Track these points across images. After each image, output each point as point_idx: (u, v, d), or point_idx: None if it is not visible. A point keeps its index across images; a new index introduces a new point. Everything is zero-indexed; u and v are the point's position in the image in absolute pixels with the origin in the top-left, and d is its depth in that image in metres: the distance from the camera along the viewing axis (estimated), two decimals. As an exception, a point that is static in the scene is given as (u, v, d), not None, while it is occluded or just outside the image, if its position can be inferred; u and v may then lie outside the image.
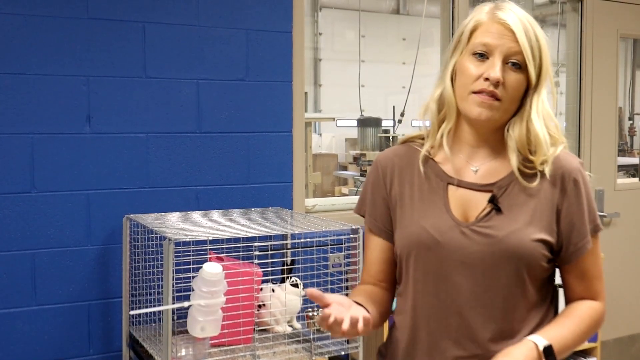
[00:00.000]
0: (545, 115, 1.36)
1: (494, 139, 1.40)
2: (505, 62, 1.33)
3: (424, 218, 1.40)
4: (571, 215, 1.36)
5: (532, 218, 1.34)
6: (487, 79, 1.32)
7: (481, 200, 1.37)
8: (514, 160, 1.36)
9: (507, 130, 1.37)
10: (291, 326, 2.40)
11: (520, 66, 1.33)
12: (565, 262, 1.39)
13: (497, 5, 1.38)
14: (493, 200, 1.36)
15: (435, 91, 1.43)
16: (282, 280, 2.46)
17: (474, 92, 1.34)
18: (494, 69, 1.31)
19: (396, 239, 1.45)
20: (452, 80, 1.40)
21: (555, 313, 1.44)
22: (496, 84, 1.31)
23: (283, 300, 2.30)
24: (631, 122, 7.61)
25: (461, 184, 1.40)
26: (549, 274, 1.40)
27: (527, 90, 1.36)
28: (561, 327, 1.35)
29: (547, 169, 1.35)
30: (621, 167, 5.13)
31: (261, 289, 2.34)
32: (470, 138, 1.41)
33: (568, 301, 1.44)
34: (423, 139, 1.49)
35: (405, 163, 1.47)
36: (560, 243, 1.37)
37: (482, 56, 1.34)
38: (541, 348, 1.28)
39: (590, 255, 1.39)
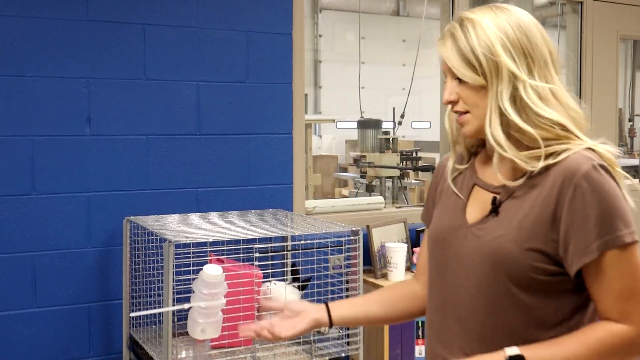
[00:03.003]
0: (511, 109, 1.28)
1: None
2: (456, 78, 1.35)
3: (444, 216, 1.44)
4: (569, 223, 1.24)
5: (523, 225, 1.27)
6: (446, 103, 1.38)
7: (490, 202, 1.37)
8: (495, 163, 1.33)
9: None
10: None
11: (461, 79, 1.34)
12: (570, 274, 1.27)
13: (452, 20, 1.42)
14: (494, 203, 1.35)
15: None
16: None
17: None
18: (445, 92, 1.36)
19: None
20: None
21: None
22: (451, 103, 1.36)
23: (282, 295, 2.30)
24: (631, 123, 7.61)
25: (482, 185, 1.40)
26: (561, 289, 1.28)
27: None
28: (555, 345, 1.26)
29: (535, 169, 1.29)
30: (621, 169, 5.12)
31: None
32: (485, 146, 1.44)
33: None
34: None
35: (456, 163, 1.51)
36: (561, 254, 1.26)
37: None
38: (507, 355, 1.24)
39: (607, 269, 1.24)
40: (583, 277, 1.27)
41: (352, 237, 2.26)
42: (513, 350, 1.25)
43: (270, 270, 2.26)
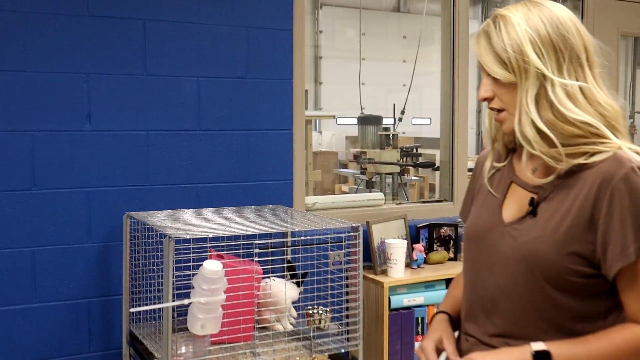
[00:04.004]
0: (533, 107, 1.29)
1: None
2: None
3: (480, 214, 1.45)
4: (607, 226, 1.24)
5: (560, 227, 1.28)
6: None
7: (527, 201, 1.37)
8: (524, 160, 1.37)
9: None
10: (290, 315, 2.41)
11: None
12: (608, 276, 1.27)
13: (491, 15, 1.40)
14: (532, 203, 1.35)
15: None
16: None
17: None
18: (480, 89, 1.37)
19: None
20: None
21: None
22: (486, 100, 1.36)
23: (281, 291, 2.30)
24: (631, 120, 7.60)
25: (519, 183, 1.40)
26: (597, 290, 1.29)
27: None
28: (580, 343, 1.27)
29: (562, 169, 1.30)
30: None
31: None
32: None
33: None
34: None
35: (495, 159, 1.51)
36: (598, 256, 1.27)
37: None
38: (532, 350, 1.25)
39: (636, 272, 1.25)
40: (615, 279, 1.27)
41: (352, 233, 2.26)
42: (539, 346, 1.26)
43: (270, 266, 2.26)
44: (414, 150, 5.71)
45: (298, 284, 2.39)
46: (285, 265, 2.35)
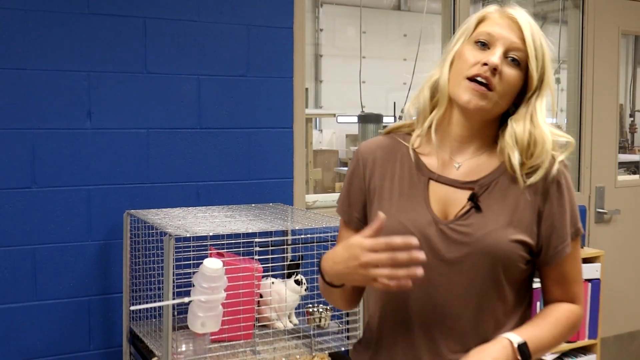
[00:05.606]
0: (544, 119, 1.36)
1: (483, 134, 1.39)
2: (505, 55, 1.32)
3: (402, 213, 1.37)
4: (552, 218, 1.35)
5: (512, 218, 1.33)
6: (485, 64, 1.30)
7: (462, 197, 1.35)
8: (515, 158, 1.33)
9: (511, 126, 1.34)
10: (290, 322, 2.41)
11: (519, 63, 1.32)
12: (545, 264, 1.38)
13: (508, 6, 1.38)
14: (473, 199, 1.34)
15: (432, 76, 1.42)
16: (286, 277, 2.46)
17: (468, 78, 1.32)
18: (494, 55, 1.31)
19: None
20: (451, 67, 1.38)
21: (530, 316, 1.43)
22: (493, 70, 1.30)
23: (282, 294, 2.30)
24: (632, 119, 7.60)
25: (443, 180, 1.38)
26: (526, 276, 1.39)
27: (526, 91, 1.35)
28: (537, 327, 1.34)
29: (535, 176, 1.34)
30: (622, 164, 5.14)
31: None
32: (458, 131, 1.39)
33: (546, 304, 1.43)
34: (409, 126, 1.47)
35: (388, 155, 1.44)
36: (540, 245, 1.36)
37: (484, 45, 1.33)
38: (515, 345, 1.27)
39: (570, 258, 1.38)
40: (540, 265, 1.40)
41: (352, 232, 2.25)
42: (513, 336, 1.29)
43: (270, 265, 2.26)
44: (414, 149, 5.70)
45: (294, 267, 2.37)
46: (288, 263, 2.34)
